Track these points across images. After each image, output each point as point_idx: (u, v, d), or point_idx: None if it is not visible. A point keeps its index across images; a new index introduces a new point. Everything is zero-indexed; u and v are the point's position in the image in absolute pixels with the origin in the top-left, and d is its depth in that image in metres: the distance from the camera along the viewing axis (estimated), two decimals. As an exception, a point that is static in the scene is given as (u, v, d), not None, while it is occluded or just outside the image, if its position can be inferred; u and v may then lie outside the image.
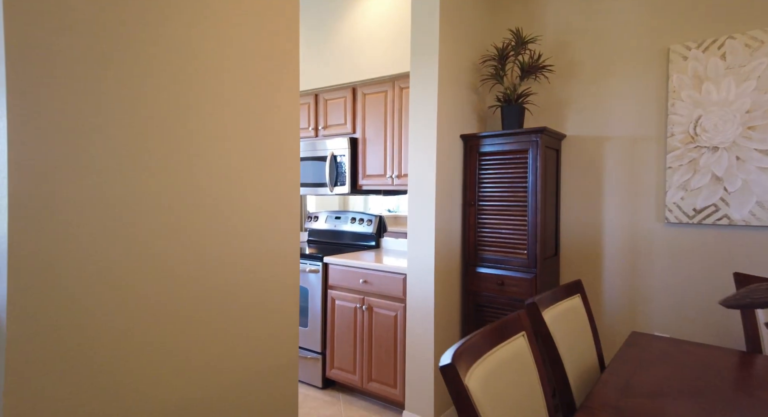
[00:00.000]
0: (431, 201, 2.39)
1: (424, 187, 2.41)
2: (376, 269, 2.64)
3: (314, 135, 3.37)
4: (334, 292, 2.86)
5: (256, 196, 1.34)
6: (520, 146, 2.38)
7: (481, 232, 2.50)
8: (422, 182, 2.42)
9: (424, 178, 2.41)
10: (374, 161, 3.02)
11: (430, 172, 2.39)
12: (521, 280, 2.36)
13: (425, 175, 2.41)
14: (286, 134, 1.42)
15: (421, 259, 2.42)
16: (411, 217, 2.47)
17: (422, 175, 2.42)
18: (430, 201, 2.39)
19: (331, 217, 3.56)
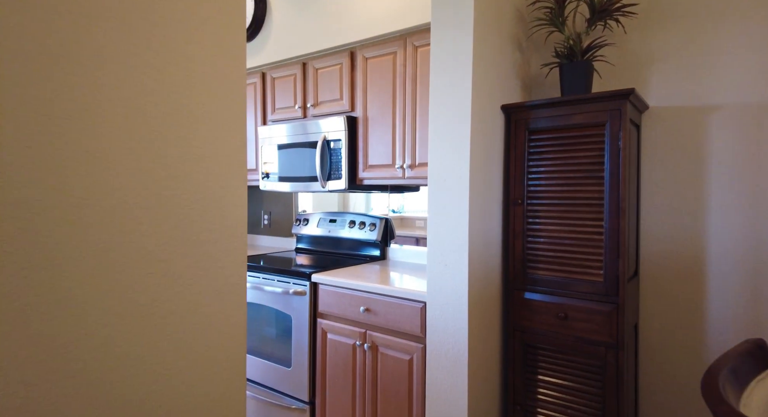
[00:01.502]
0: (462, 199, 1.65)
1: (452, 179, 1.68)
2: (383, 293, 1.91)
3: (302, 115, 2.64)
4: (326, 323, 2.12)
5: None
6: (592, 118, 1.64)
7: (533, 243, 1.76)
8: (449, 173, 1.69)
9: (452, 167, 1.67)
10: (379, 147, 2.28)
11: (462, 159, 1.65)
12: (594, 313, 1.62)
13: (454, 164, 1.67)
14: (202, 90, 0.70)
15: (447, 280, 1.68)
16: (433, 223, 1.73)
17: (449, 163, 1.68)
18: (461, 199, 1.65)
19: (325, 219, 2.83)
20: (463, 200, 1.65)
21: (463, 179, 1.65)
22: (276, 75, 2.74)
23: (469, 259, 1.64)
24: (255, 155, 2.89)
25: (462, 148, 1.65)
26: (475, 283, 1.68)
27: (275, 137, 2.66)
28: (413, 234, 2.55)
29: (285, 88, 2.70)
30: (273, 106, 2.77)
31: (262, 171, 2.75)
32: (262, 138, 2.73)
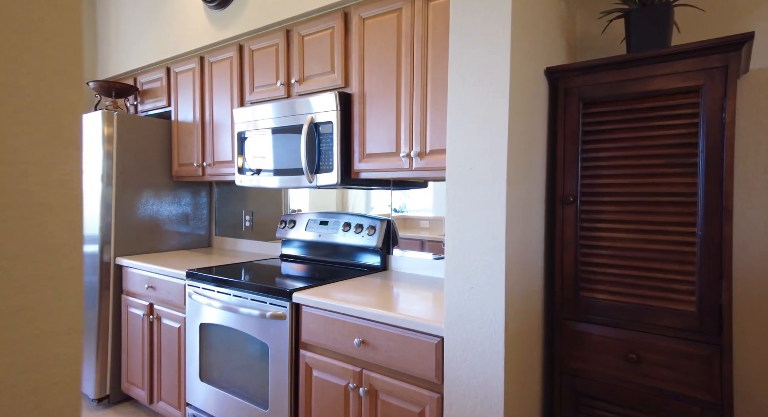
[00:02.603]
0: (497, 195, 1.17)
1: (482, 168, 1.20)
2: (384, 322, 1.43)
3: (285, 94, 2.16)
4: (311, 356, 1.65)
5: None
6: (679, 82, 1.16)
7: (590, 256, 1.29)
8: (477, 159, 1.21)
9: (483, 151, 1.20)
10: (379, 131, 1.81)
11: (496, 139, 1.18)
12: (683, 357, 1.15)
13: (485, 146, 1.19)
14: None
15: (474, 308, 1.21)
16: (453, 229, 1.25)
17: (477, 145, 1.21)
18: (496, 195, 1.18)
19: (315, 221, 2.35)
20: (498, 197, 1.17)
21: (498, 167, 1.17)
22: (255, 46, 2.27)
23: (507, 280, 1.16)
24: (230, 144, 2.42)
25: (496, 126, 1.17)
26: (513, 312, 1.20)
27: (254, 121, 2.18)
28: (418, 236, 2.08)
29: (265, 61, 2.22)
30: (252, 85, 2.30)
31: (237, 163, 2.27)
32: (239, 122, 2.25)
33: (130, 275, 2.46)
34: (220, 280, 1.95)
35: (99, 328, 2.47)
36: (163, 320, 2.25)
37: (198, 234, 2.96)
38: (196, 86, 2.57)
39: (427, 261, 2.02)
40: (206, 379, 2.01)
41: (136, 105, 2.99)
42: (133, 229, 2.62)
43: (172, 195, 2.81)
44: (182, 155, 2.70)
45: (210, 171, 2.53)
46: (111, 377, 2.52)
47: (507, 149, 1.15)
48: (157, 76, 2.83)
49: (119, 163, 2.55)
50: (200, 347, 2.04)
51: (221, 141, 2.45)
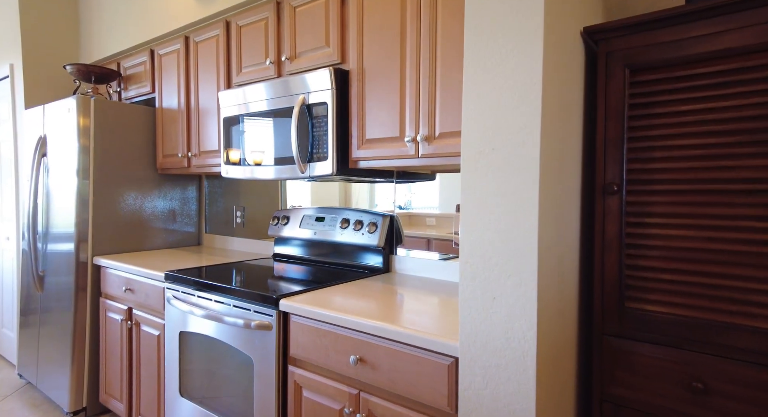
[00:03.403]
0: (527, 184, 0.93)
1: (507, 149, 0.96)
2: (385, 337, 1.19)
3: (275, 73, 1.92)
4: (301, 374, 1.42)
5: None
6: (758, 36, 0.91)
7: (639, 258, 1.04)
8: (500, 139, 0.97)
9: (508, 129, 0.96)
10: (381, 112, 1.57)
11: (527, 113, 0.93)
12: (765, 388, 0.90)
13: (510, 123, 0.95)
14: None
15: (496, 323, 0.97)
16: (470, 227, 1.01)
17: (502, 122, 0.97)
18: (525, 184, 0.93)
19: (310, 218, 2.12)
20: (529, 184, 0.93)
21: (529, 148, 0.93)
22: (243, 22, 2.03)
23: (539, 288, 0.92)
24: (217, 131, 2.19)
25: (527, 96, 0.93)
26: (547, 329, 0.96)
27: (241, 105, 1.95)
28: (423, 234, 1.84)
29: (254, 38, 1.99)
30: (239, 65, 2.06)
31: (223, 152, 2.04)
32: (225, 106, 2.02)
33: (108, 276, 2.24)
34: (201, 283, 1.72)
35: (75, 333, 2.26)
36: (142, 327, 2.03)
37: (186, 231, 2.74)
38: (181, 69, 2.34)
39: (435, 262, 1.78)
40: (186, 394, 1.79)
41: (120, 92, 2.77)
42: (114, 226, 2.40)
43: (157, 189, 2.59)
44: (167, 145, 2.47)
45: (196, 162, 2.30)
46: (88, 388, 2.31)
47: (541, 125, 0.91)
48: (140, 60, 2.60)
49: (97, 154, 2.33)
50: (180, 358, 1.81)
51: (208, 129, 2.23)
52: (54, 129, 2.42)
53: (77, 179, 2.26)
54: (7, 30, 2.99)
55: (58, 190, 2.37)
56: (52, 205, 2.42)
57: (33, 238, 2.54)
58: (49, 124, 2.46)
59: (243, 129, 1.94)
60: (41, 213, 2.51)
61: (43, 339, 2.48)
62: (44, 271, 2.48)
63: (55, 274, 2.38)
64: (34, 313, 2.57)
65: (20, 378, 2.86)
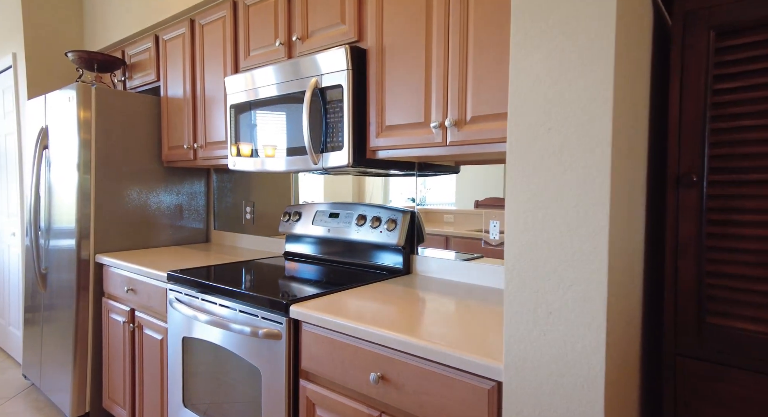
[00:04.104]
0: (595, 171, 0.75)
1: (567, 131, 0.77)
2: (412, 353, 1.02)
3: (285, 55, 1.76)
4: (314, 390, 1.26)
5: None
6: None
7: (723, 263, 0.85)
8: (557, 119, 0.78)
9: (567, 105, 0.77)
10: (403, 94, 1.39)
11: (594, 85, 0.75)
12: None
13: (571, 99, 0.77)
14: None
15: (551, 343, 0.79)
16: (518, 226, 0.83)
17: (558, 98, 0.78)
18: (592, 171, 0.75)
19: (323, 213, 1.96)
20: (598, 172, 0.75)
21: (597, 126, 0.75)
22: (251, 1, 1.87)
23: (609, 300, 0.74)
24: (224, 120, 2.03)
25: (597, 60, 0.75)
26: (615, 350, 0.78)
27: (249, 90, 1.79)
28: (441, 231, 1.67)
29: (263, 18, 1.83)
30: (246, 48, 1.91)
31: (230, 142, 1.89)
32: (232, 93, 1.86)
33: (110, 275, 2.12)
34: (204, 285, 1.57)
35: (77, 334, 2.14)
36: (145, 330, 1.89)
37: (194, 228, 2.60)
38: (187, 55, 2.19)
39: (460, 263, 1.61)
40: (190, 405, 1.65)
41: (125, 81, 2.64)
42: (118, 223, 2.27)
43: (163, 183, 2.46)
44: (172, 136, 2.33)
45: (202, 154, 2.15)
46: (91, 392, 2.19)
47: (613, 97, 0.73)
48: (145, 47, 2.47)
49: (99, 147, 2.20)
50: (183, 366, 1.67)
51: (214, 118, 2.08)
52: (55, 120, 2.30)
53: (78, 173, 2.14)
54: (9, 17, 2.88)
55: (60, 184, 2.25)
56: (54, 200, 2.30)
57: (35, 234, 2.43)
58: (51, 114, 2.34)
59: (251, 117, 1.78)
60: (44, 208, 2.40)
61: (47, 339, 2.37)
62: (47, 269, 2.37)
63: (58, 272, 2.27)
64: (37, 311, 2.47)
65: (25, 379, 2.77)
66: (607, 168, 0.73)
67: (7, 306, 3.16)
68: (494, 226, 1.53)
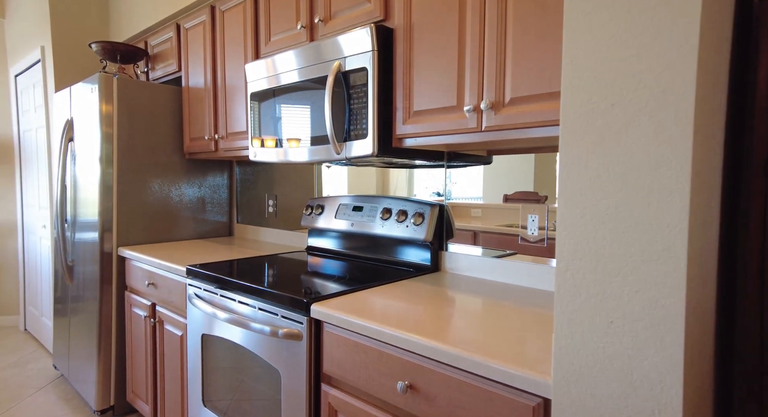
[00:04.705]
0: (672, 153, 0.62)
1: (636, 107, 0.64)
2: (444, 362, 0.91)
3: (307, 38, 1.67)
4: (336, 395, 1.17)
5: None
6: None
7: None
8: (623, 93, 0.65)
9: (636, 76, 0.64)
10: (433, 76, 1.27)
11: (672, 51, 0.61)
12: None
13: (642, 69, 0.64)
14: None
15: (612, 356, 0.67)
16: (572, 217, 0.71)
17: (625, 69, 0.65)
18: (667, 154, 0.62)
19: (347, 207, 1.87)
20: (676, 155, 0.62)
21: (675, 99, 0.62)
22: (271, -17, 1.78)
23: (687, 310, 0.61)
24: (244, 109, 1.96)
25: (678, 18, 0.61)
26: (692, 368, 0.65)
27: (270, 77, 1.71)
28: (468, 226, 1.55)
29: (284, 1, 1.73)
30: (267, 34, 1.82)
31: (251, 132, 1.81)
32: (252, 80, 1.79)
33: (132, 269, 2.09)
34: (223, 280, 1.50)
35: (101, 327, 2.13)
36: (166, 325, 1.85)
37: (217, 221, 2.56)
38: (207, 43, 2.13)
39: (493, 261, 1.48)
40: (210, 405, 1.59)
41: (147, 72, 2.61)
42: (140, 216, 2.25)
43: (186, 176, 2.42)
44: (194, 127, 2.28)
45: (223, 145, 2.09)
46: (115, 385, 2.18)
47: (697, 63, 0.59)
48: (167, 37, 2.42)
49: (121, 139, 2.17)
50: (202, 364, 1.62)
51: (235, 108, 2.01)
52: (79, 112, 2.28)
53: (100, 166, 2.12)
54: (38, 10, 2.89)
55: (84, 176, 2.24)
56: (79, 192, 2.29)
57: (61, 226, 2.43)
58: (75, 106, 2.33)
59: (272, 105, 1.70)
60: (69, 201, 2.40)
61: (74, 330, 2.38)
62: (73, 261, 2.38)
63: (83, 265, 2.26)
64: (65, 303, 2.48)
65: (55, 369, 2.81)
66: (687, 149, 0.60)
67: (39, 297, 3.22)
68: (533, 221, 1.40)
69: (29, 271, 3.40)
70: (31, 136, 3.21)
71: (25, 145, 3.37)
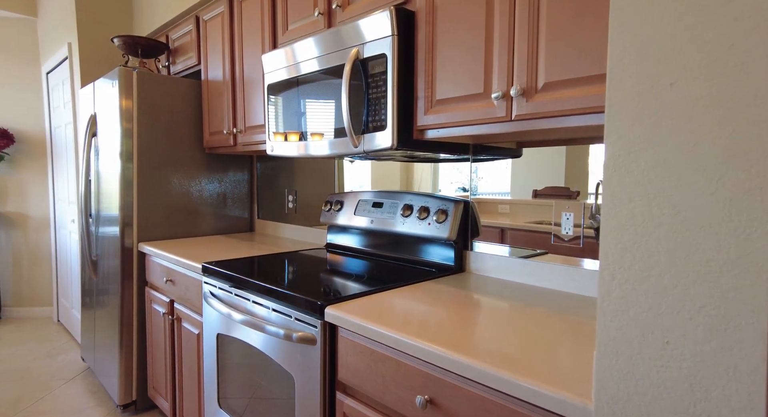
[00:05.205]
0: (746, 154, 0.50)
1: (695, 94, 0.53)
2: (472, 379, 0.82)
3: (325, 25, 1.59)
4: (351, 406, 1.09)
5: None
6: None
7: None
8: (684, 74, 0.54)
9: (699, 53, 0.52)
10: (457, 61, 1.17)
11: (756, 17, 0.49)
12: None
13: (707, 44, 0.52)
14: None
15: (668, 381, 0.56)
16: (617, 220, 0.60)
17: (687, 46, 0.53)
18: (741, 152, 0.50)
19: (366, 203, 1.79)
20: (752, 142, 0.50)
21: (755, 74, 0.50)
22: (288, -31, 1.71)
23: None
24: (263, 102, 1.91)
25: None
26: None
27: (288, 67, 1.64)
28: (495, 223, 1.44)
29: (300, -13, 1.66)
30: (285, 23, 1.75)
31: (268, 126, 1.75)
32: (269, 72, 1.72)
33: (151, 264, 2.08)
34: (237, 278, 1.45)
35: (122, 322, 2.13)
36: (183, 323, 1.83)
37: (238, 217, 2.53)
38: (226, 35, 2.08)
39: (522, 262, 1.38)
40: (225, 407, 1.55)
41: (169, 66, 2.59)
42: (161, 211, 2.23)
43: (207, 171, 2.39)
44: (213, 121, 2.25)
45: (242, 139, 2.05)
46: (137, 380, 2.19)
47: (787, 25, 0.48)
48: (187, 30, 2.39)
49: (141, 134, 2.15)
50: (218, 365, 1.58)
51: (253, 101, 1.96)
52: (102, 107, 2.29)
53: (120, 161, 2.11)
54: (65, 6, 2.93)
55: (106, 171, 2.24)
56: (102, 187, 2.30)
57: (86, 221, 2.45)
58: (98, 101, 2.33)
59: (289, 97, 1.63)
60: (93, 196, 2.42)
61: (98, 323, 2.41)
62: (97, 256, 2.39)
63: (106, 259, 2.27)
64: (91, 296, 2.51)
65: (83, 361, 2.86)
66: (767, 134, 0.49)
67: (70, 289, 3.30)
68: (567, 219, 1.28)
69: (61, 264, 3.48)
70: (61, 132, 3.27)
71: (55, 141, 3.44)
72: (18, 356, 2.97)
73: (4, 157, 3.59)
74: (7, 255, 3.70)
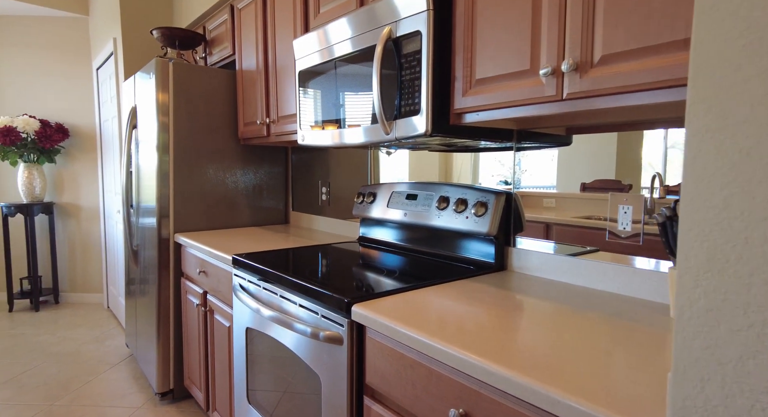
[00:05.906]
0: None
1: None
2: (514, 395, 0.72)
3: (356, 5, 1.50)
4: (379, 412, 1.01)
5: None
6: None
7: None
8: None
9: None
10: (499, 36, 1.05)
11: None
12: None
13: None
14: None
15: None
16: (703, 217, 0.47)
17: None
18: None
19: (400, 195, 1.69)
20: None
21: None
22: (320, -51, 1.63)
23: None
24: (294, 91, 1.85)
25: None
26: None
27: (320, 51, 1.57)
28: (540, 218, 1.31)
29: (332, -34, 1.57)
30: (316, 6, 1.68)
31: (299, 114, 1.69)
32: (300, 58, 1.66)
33: (186, 255, 2.09)
34: (265, 272, 1.40)
35: (159, 312, 2.16)
36: (215, 315, 1.81)
37: (273, 208, 2.51)
38: (259, 23, 2.04)
39: (570, 260, 1.24)
40: (254, 403, 1.52)
41: (206, 58, 2.60)
42: (197, 203, 2.24)
43: (242, 163, 2.38)
44: (247, 112, 2.22)
45: (275, 129, 2.00)
46: (174, 369, 2.22)
47: None
48: (222, 20, 2.38)
49: (177, 125, 2.16)
50: (247, 359, 1.54)
51: (286, 90, 1.90)
52: (141, 99, 2.31)
53: (157, 153, 2.12)
54: (111, 3, 3.00)
55: (145, 163, 2.27)
56: (142, 179, 2.33)
57: (127, 212, 2.51)
58: (138, 94, 2.36)
59: (319, 84, 1.56)
60: (134, 187, 2.46)
61: (139, 312, 2.46)
62: (138, 246, 2.45)
63: (145, 249, 2.31)
64: (134, 284, 2.58)
65: (127, 347, 2.96)
66: None
67: (117, 277, 3.43)
68: (625, 213, 1.13)
69: (109, 253, 3.63)
70: (109, 126, 3.39)
71: (104, 134, 3.57)
72: (70, 340, 3.11)
73: (60, 151, 3.77)
74: (63, 244, 3.91)
